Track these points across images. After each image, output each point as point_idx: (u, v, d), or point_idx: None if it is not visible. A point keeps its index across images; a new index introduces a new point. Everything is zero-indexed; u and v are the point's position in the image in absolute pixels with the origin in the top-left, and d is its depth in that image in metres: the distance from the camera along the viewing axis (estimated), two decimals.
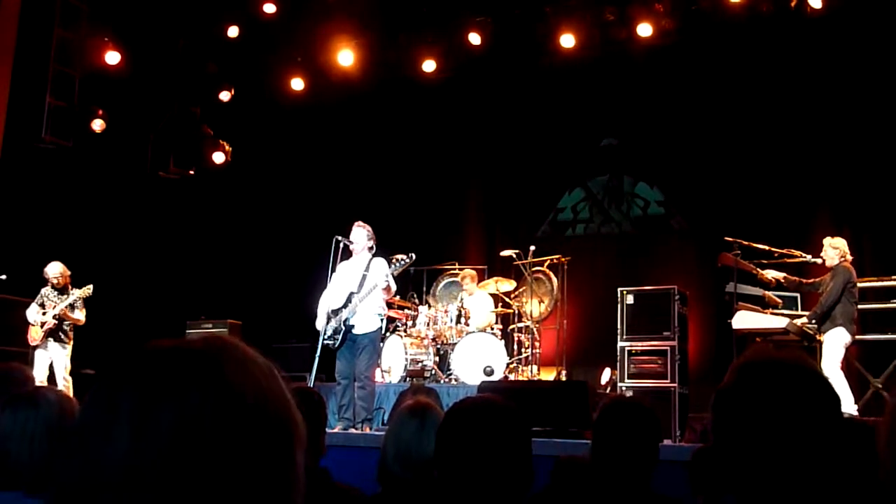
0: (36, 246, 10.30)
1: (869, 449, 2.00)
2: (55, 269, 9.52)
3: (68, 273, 9.62)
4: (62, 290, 9.53)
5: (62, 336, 9.48)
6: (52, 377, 9.36)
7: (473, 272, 11.13)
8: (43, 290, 9.53)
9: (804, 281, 8.83)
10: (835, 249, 8.39)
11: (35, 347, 9.42)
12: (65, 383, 9.29)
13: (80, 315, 9.56)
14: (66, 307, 9.42)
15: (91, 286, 9.55)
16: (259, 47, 12.44)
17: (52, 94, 10.44)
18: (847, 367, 8.25)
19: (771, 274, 8.78)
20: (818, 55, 10.67)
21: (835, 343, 8.08)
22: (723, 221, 10.50)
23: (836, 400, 1.63)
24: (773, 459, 1.52)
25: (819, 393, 1.59)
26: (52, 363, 9.43)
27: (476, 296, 10.89)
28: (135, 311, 11.89)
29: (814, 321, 8.47)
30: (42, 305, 9.46)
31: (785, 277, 8.78)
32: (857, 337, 8.36)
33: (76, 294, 9.49)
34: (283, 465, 0.95)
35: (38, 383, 8.89)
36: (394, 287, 8.35)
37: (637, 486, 2.88)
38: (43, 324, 9.35)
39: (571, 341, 10.99)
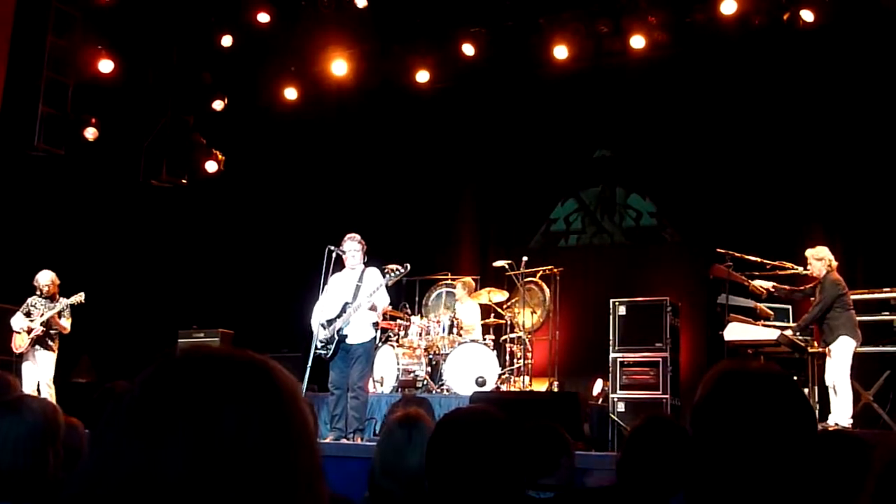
0: (27, 254, 10.27)
1: (857, 460, 1.99)
2: (46, 278, 9.45)
3: (58, 282, 9.55)
4: (50, 299, 9.47)
5: (49, 343, 9.42)
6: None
7: (471, 282, 11.15)
8: (29, 300, 9.45)
9: (796, 288, 8.85)
10: (819, 260, 8.42)
11: (21, 357, 9.35)
12: (49, 391, 9.20)
13: (66, 323, 9.48)
14: (54, 314, 9.37)
15: (83, 294, 9.49)
16: (253, 57, 12.44)
17: (45, 102, 10.43)
18: None
19: (761, 284, 8.80)
20: (810, 68, 10.72)
21: (842, 353, 8.10)
22: (715, 233, 10.52)
23: (806, 405, 1.63)
24: (752, 470, 1.52)
25: (790, 400, 1.60)
26: (39, 372, 9.36)
27: (466, 304, 10.91)
28: (126, 319, 11.86)
29: (798, 333, 8.51)
30: (28, 314, 9.39)
31: (774, 286, 8.80)
32: None
33: (64, 302, 9.42)
34: (315, 479, 0.97)
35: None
36: (386, 300, 8.30)
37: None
38: (30, 330, 9.27)
39: (563, 352, 10.98)
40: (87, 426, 3.42)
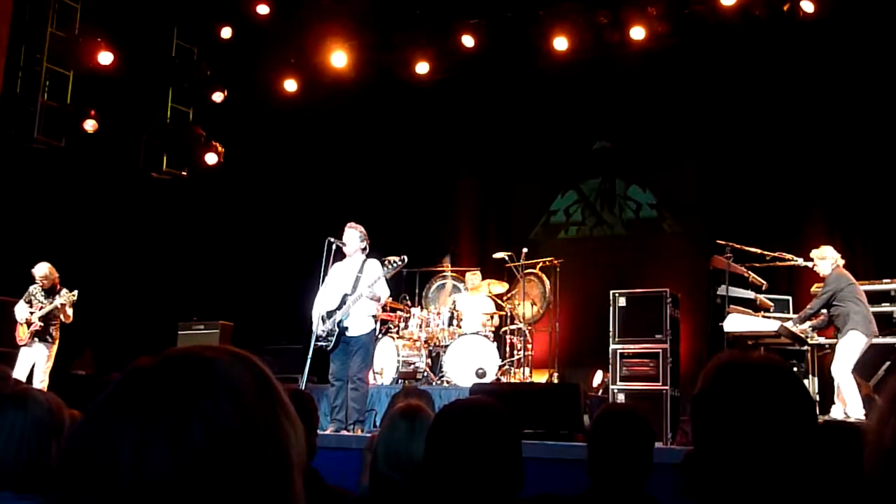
0: (27, 246, 10.26)
1: (855, 450, 2.00)
2: (41, 270, 9.41)
3: (56, 274, 9.51)
4: (49, 291, 9.45)
5: (48, 337, 9.41)
6: (30, 376, 9.27)
7: (479, 274, 11.17)
8: (31, 288, 9.43)
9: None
10: (824, 259, 8.42)
11: (21, 346, 9.36)
12: (41, 384, 9.18)
13: (69, 311, 9.48)
14: (53, 308, 9.35)
15: (76, 291, 9.48)
16: (252, 48, 12.42)
17: (45, 94, 10.42)
18: None
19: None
20: (811, 59, 10.71)
21: (848, 346, 8.09)
22: (715, 224, 10.53)
23: (806, 396, 1.64)
24: (752, 462, 1.53)
25: (790, 391, 1.60)
26: (34, 362, 9.36)
27: (476, 296, 10.92)
28: (126, 312, 11.86)
29: (798, 324, 8.52)
30: (30, 303, 9.39)
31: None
32: None
33: (60, 299, 9.38)
34: (286, 478, 0.96)
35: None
36: (385, 292, 8.30)
37: (632, 493, 2.89)
38: (30, 323, 9.28)
39: (564, 343, 11.00)
40: None
